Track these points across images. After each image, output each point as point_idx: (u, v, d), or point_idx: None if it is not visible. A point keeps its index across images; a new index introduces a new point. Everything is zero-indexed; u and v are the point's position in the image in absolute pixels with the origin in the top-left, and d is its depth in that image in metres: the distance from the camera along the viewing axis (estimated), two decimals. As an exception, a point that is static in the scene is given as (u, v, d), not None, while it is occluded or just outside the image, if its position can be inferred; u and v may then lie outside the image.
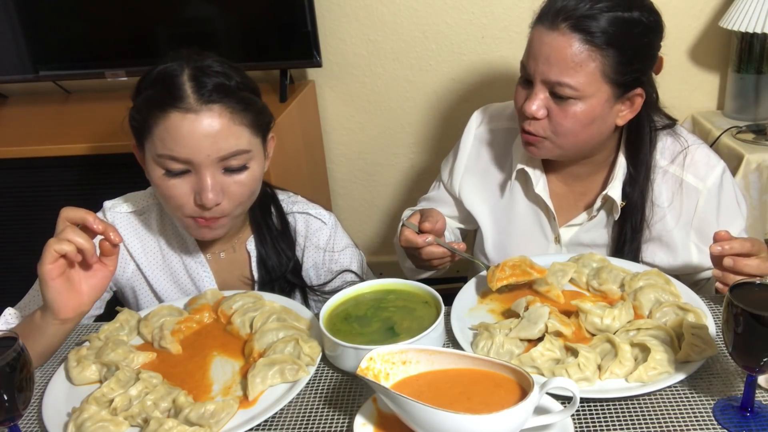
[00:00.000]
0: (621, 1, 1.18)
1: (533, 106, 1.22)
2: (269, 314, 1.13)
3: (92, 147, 2.01)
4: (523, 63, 1.25)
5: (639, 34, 1.20)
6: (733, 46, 2.24)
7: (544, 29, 1.20)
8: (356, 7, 2.35)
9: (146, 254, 1.33)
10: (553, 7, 1.20)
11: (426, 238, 1.18)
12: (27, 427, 0.99)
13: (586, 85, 1.18)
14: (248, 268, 1.38)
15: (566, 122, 1.22)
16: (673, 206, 1.33)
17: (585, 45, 1.17)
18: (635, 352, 0.99)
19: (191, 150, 1.13)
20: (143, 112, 1.17)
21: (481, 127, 1.48)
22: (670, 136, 1.35)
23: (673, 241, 1.33)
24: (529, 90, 1.24)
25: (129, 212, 1.33)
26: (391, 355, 0.91)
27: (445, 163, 1.55)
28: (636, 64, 1.21)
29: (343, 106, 2.51)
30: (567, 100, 1.20)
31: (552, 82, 1.20)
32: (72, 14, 2.23)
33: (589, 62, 1.17)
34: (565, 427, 0.89)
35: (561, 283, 1.18)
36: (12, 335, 0.87)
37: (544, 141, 1.26)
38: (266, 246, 1.36)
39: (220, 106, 1.14)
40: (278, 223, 1.39)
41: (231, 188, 1.18)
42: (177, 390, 0.99)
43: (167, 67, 1.17)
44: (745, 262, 1.05)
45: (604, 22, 1.16)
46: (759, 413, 0.90)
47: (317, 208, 1.43)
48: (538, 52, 1.21)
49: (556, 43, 1.18)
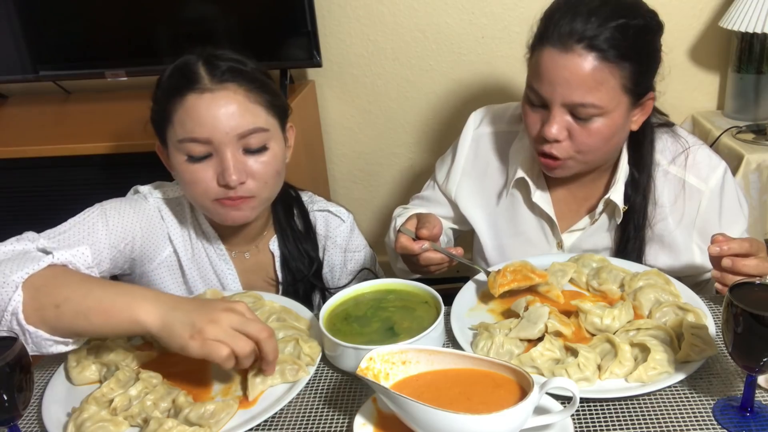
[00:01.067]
0: (625, 10, 1.17)
1: (554, 130, 1.19)
2: (269, 314, 1.13)
3: (92, 147, 2.01)
4: (534, 87, 1.21)
5: (649, 40, 1.20)
6: (733, 46, 2.24)
7: (557, 52, 1.16)
8: (356, 7, 2.35)
9: (183, 242, 1.32)
10: (560, 29, 1.17)
11: (422, 245, 1.17)
12: (27, 427, 0.99)
13: (608, 101, 1.17)
14: (272, 269, 1.38)
15: (590, 140, 1.20)
16: (675, 207, 1.32)
17: (603, 62, 1.15)
18: (635, 352, 0.99)
19: (210, 129, 1.15)
20: (162, 103, 1.20)
21: (480, 129, 1.47)
22: (669, 136, 1.35)
23: (675, 243, 1.33)
24: (543, 113, 1.22)
25: (164, 198, 1.32)
26: (390, 355, 0.91)
27: (440, 163, 1.53)
28: (650, 70, 1.22)
29: (343, 106, 2.51)
30: (590, 119, 1.18)
31: (575, 104, 1.17)
32: (72, 14, 2.23)
33: (610, 78, 1.16)
34: (565, 427, 0.89)
35: (561, 283, 1.18)
36: (12, 335, 0.87)
37: (567, 161, 1.24)
38: (289, 246, 1.37)
39: (234, 84, 1.17)
40: (301, 224, 1.40)
41: (254, 168, 1.19)
42: (177, 390, 0.99)
43: (183, 59, 1.21)
44: (743, 263, 1.05)
45: (617, 36, 1.15)
46: (759, 413, 0.90)
47: (337, 207, 1.45)
48: (554, 76, 1.17)
49: (573, 65, 1.15)
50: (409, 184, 2.62)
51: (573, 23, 1.16)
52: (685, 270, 1.34)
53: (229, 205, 1.20)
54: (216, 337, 0.91)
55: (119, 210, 1.24)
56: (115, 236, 1.21)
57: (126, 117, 2.15)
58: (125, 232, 1.23)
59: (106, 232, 1.20)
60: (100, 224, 1.20)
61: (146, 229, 1.27)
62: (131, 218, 1.24)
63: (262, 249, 1.38)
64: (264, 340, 0.95)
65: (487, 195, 1.45)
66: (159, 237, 1.29)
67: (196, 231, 1.33)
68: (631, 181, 1.32)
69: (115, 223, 1.21)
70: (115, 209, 1.24)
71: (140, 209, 1.27)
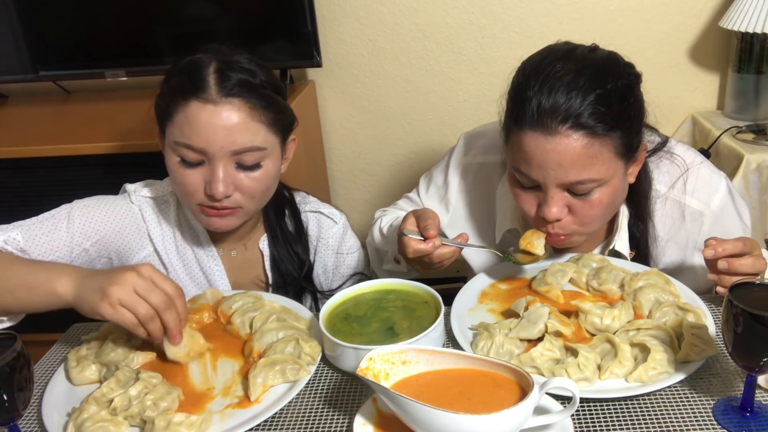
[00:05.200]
0: (602, 76, 1.09)
1: (554, 210, 1.13)
2: (269, 314, 1.13)
3: (92, 147, 2.01)
4: (521, 170, 1.14)
5: (632, 101, 1.13)
6: (733, 46, 2.24)
7: (540, 135, 1.08)
8: (356, 7, 2.35)
9: (164, 241, 1.33)
10: (538, 110, 1.08)
11: (433, 243, 1.13)
12: (27, 427, 0.99)
13: (605, 172, 1.11)
14: (261, 268, 1.38)
15: (593, 211, 1.14)
16: (677, 234, 1.29)
17: (592, 138, 1.08)
18: (635, 352, 0.99)
19: (206, 140, 1.15)
20: (167, 99, 1.19)
21: (470, 158, 1.40)
22: (666, 159, 1.29)
23: (682, 269, 1.30)
24: (538, 194, 1.15)
25: (150, 197, 1.33)
26: (390, 355, 0.91)
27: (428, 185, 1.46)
28: (639, 128, 1.16)
29: (343, 106, 2.51)
30: (589, 192, 1.12)
31: (571, 182, 1.11)
32: (72, 14, 2.23)
33: (603, 151, 1.09)
34: (564, 427, 0.89)
35: (561, 283, 1.18)
36: (12, 335, 0.87)
37: (572, 236, 1.19)
38: (279, 248, 1.37)
39: (240, 100, 1.16)
40: (292, 226, 1.39)
41: (243, 182, 1.19)
42: (177, 390, 0.99)
43: (195, 58, 1.19)
44: (740, 262, 1.05)
45: (600, 108, 1.07)
46: (759, 413, 0.90)
47: (329, 208, 1.43)
48: (543, 160, 1.09)
49: (561, 147, 1.08)
50: (409, 184, 2.61)
51: (551, 101, 1.07)
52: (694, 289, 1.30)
53: (213, 214, 1.21)
54: (120, 299, 0.96)
55: (87, 210, 1.26)
56: (79, 235, 1.24)
57: (126, 117, 2.15)
58: (91, 231, 1.25)
59: (68, 231, 1.23)
60: (63, 223, 1.24)
61: (119, 228, 1.28)
62: (100, 217, 1.26)
63: (250, 247, 1.38)
64: (163, 311, 0.99)
65: (478, 231, 1.40)
66: (135, 236, 1.31)
67: (182, 228, 1.34)
68: (634, 222, 1.28)
69: (80, 222, 1.24)
70: (83, 209, 1.26)
71: (113, 209, 1.28)
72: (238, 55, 1.21)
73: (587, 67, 1.09)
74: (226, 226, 1.23)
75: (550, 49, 1.15)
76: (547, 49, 1.16)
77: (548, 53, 1.14)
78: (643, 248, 1.29)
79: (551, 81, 1.08)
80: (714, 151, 2.15)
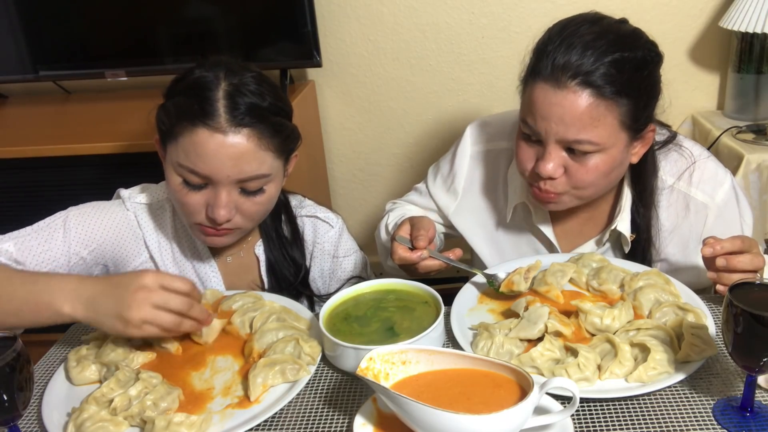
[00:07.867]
0: (623, 43, 1.11)
1: (549, 167, 1.14)
2: (269, 314, 1.13)
3: (92, 147, 2.01)
4: (527, 122, 1.16)
5: (647, 74, 1.15)
6: (733, 46, 2.24)
7: (549, 88, 1.11)
8: (356, 7, 2.35)
9: (160, 247, 1.32)
10: (553, 63, 1.11)
11: (420, 254, 1.15)
12: (27, 427, 0.99)
13: (605, 138, 1.12)
14: (258, 273, 1.37)
15: (588, 176, 1.15)
16: (681, 224, 1.29)
17: (599, 99, 1.09)
18: (635, 352, 0.99)
19: (213, 168, 1.13)
20: (172, 118, 1.16)
21: (477, 146, 1.42)
22: (674, 151, 1.30)
23: (683, 261, 1.30)
24: (538, 148, 1.17)
25: (145, 203, 1.33)
26: (390, 355, 0.91)
27: (436, 175, 1.48)
28: (649, 104, 1.17)
29: (343, 106, 2.51)
30: (586, 155, 1.14)
31: (570, 140, 1.12)
32: (72, 14, 2.24)
33: (607, 115, 1.11)
34: (564, 427, 0.89)
35: (561, 283, 1.18)
36: (12, 335, 0.87)
37: (562, 196, 1.20)
38: (275, 253, 1.36)
39: (249, 129, 1.14)
40: (288, 230, 1.39)
41: (245, 206, 1.19)
42: (177, 390, 0.99)
43: (204, 77, 1.15)
44: (738, 259, 1.05)
45: (613, 71, 1.09)
46: (759, 413, 0.90)
47: (325, 211, 1.42)
48: (548, 112, 1.12)
49: (567, 102, 1.10)
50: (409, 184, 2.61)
51: (567, 57, 1.10)
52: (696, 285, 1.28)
53: (211, 234, 1.20)
54: (143, 319, 0.98)
55: (83, 218, 1.25)
56: (76, 244, 1.23)
57: (126, 117, 2.15)
58: (88, 239, 1.24)
59: (64, 241, 1.22)
60: (59, 232, 1.22)
61: (116, 236, 1.28)
62: (96, 225, 1.25)
63: (246, 253, 1.37)
64: (187, 310, 1.02)
65: (487, 216, 1.42)
66: (132, 243, 1.30)
67: (179, 235, 1.33)
68: (635, 208, 1.28)
69: (77, 231, 1.23)
70: (79, 217, 1.25)
71: (110, 216, 1.28)
72: (245, 71, 1.17)
73: (610, 32, 1.13)
74: (223, 243, 1.24)
75: (581, 14, 1.18)
76: (578, 14, 1.18)
77: (578, 17, 1.17)
78: (644, 233, 1.29)
79: (572, 39, 1.11)
80: (714, 151, 2.15)
